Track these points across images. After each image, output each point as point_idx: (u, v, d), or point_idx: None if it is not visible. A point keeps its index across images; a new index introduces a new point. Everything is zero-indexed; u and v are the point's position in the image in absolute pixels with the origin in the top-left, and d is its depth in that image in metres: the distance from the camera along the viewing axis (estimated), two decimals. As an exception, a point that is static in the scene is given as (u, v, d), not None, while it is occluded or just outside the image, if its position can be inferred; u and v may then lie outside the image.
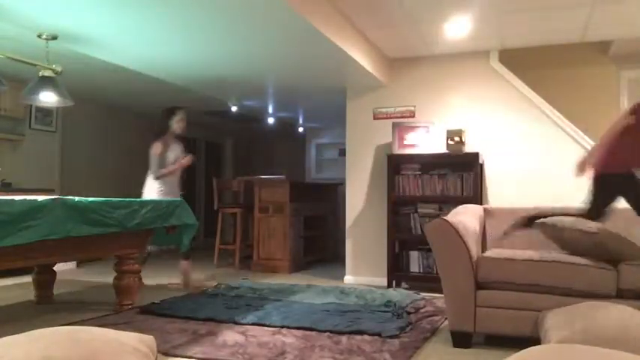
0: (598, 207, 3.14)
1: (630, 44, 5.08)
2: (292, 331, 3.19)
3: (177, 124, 4.75)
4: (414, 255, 4.92)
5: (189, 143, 9.38)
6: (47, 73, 4.21)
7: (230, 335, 3.08)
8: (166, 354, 2.72)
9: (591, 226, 2.76)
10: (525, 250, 3.04)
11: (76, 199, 3.24)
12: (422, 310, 3.81)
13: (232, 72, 5.05)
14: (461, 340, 2.90)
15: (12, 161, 5.98)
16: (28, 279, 4.86)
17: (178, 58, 4.55)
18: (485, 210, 3.67)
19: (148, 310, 3.73)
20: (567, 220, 2.92)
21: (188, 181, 9.38)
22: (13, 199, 2.85)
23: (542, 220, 3.05)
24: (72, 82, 5.93)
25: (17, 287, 4.81)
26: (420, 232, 4.87)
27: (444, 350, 2.86)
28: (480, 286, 2.88)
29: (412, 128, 5.04)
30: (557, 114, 4.82)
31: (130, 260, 3.85)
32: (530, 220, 3.25)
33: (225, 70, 4.99)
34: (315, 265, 6.64)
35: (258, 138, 11.00)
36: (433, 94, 5.20)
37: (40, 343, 1.37)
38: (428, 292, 4.52)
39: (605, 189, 3.15)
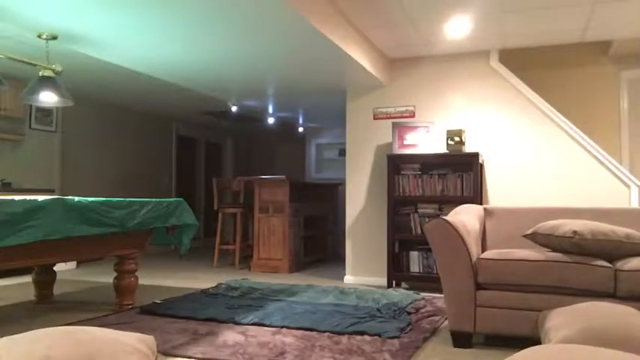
0: None
1: (630, 44, 5.08)
2: (292, 331, 3.19)
3: None
4: (414, 255, 4.92)
5: (189, 142, 9.43)
6: (47, 73, 4.21)
7: (230, 335, 3.08)
8: (166, 354, 2.72)
9: (567, 229, 2.78)
10: (525, 249, 3.04)
11: (76, 199, 3.24)
12: (422, 310, 3.81)
13: (232, 72, 5.05)
14: (461, 340, 2.90)
15: (12, 161, 5.98)
16: (28, 279, 4.87)
17: (178, 58, 4.55)
18: (485, 210, 3.67)
19: (148, 310, 3.73)
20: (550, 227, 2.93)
21: (188, 181, 9.39)
22: (13, 199, 2.85)
23: (533, 229, 3.03)
24: (72, 82, 5.94)
25: (17, 287, 4.81)
26: (420, 232, 4.87)
27: (444, 350, 2.86)
28: (479, 286, 2.87)
29: (412, 128, 5.04)
30: (557, 114, 4.82)
31: (129, 260, 3.85)
32: None
33: (225, 70, 4.99)
34: (315, 265, 6.64)
35: (258, 138, 11.00)
36: (433, 94, 5.20)
37: (40, 343, 1.37)
38: (428, 292, 4.52)
39: None
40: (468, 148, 4.93)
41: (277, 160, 11.04)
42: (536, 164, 4.82)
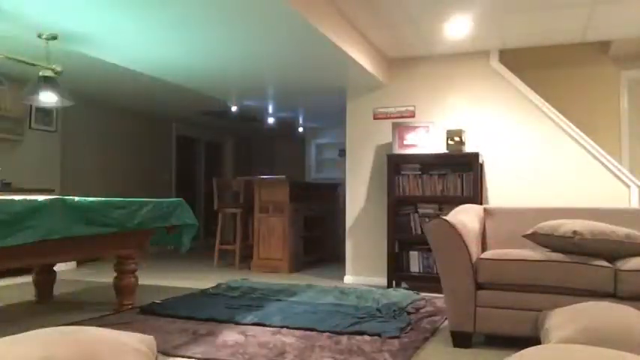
0: None
1: (630, 44, 5.08)
2: (292, 331, 3.19)
3: None
4: (414, 255, 4.92)
5: (189, 142, 9.43)
6: (47, 73, 4.21)
7: (230, 335, 3.08)
8: (166, 354, 2.72)
9: (567, 229, 2.78)
10: (525, 249, 3.04)
11: (76, 199, 3.24)
12: (422, 310, 3.81)
13: (232, 72, 5.05)
14: (461, 340, 2.90)
15: (12, 161, 5.98)
16: (28, 279, 4.87)
17: (178, 58, 4.55)
18: (485, 210, 3.67)
19: (148, 310, 3.73)
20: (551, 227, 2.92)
21: (188, 181, 9.39)
22: (13, 199, 2.85)
23: (533, 229, 3.03)
24: (72, 82, 5.94)
25: (17, 287, 4.81)
26: (420, 232, 4.86)
27: (444, 350, 2.86)
28: (479, 286, 2.87)
29: (412, 128, 5.04)
30: (557, 114, 4.82)
31: (130, 260, 3.85)
32: None
33: (225, 70, 4.99)
34: (315, 265, 6.64)
35: (258, 138, 11.00)
36: (433, 94, 5.20)
37: (40, 343, 1.37)
38: (428, 292, 4.52)
39: None
40: (468, 148, 4.93)
41: (277, 160, 11.05)
42: (536, 164, 4.82)
